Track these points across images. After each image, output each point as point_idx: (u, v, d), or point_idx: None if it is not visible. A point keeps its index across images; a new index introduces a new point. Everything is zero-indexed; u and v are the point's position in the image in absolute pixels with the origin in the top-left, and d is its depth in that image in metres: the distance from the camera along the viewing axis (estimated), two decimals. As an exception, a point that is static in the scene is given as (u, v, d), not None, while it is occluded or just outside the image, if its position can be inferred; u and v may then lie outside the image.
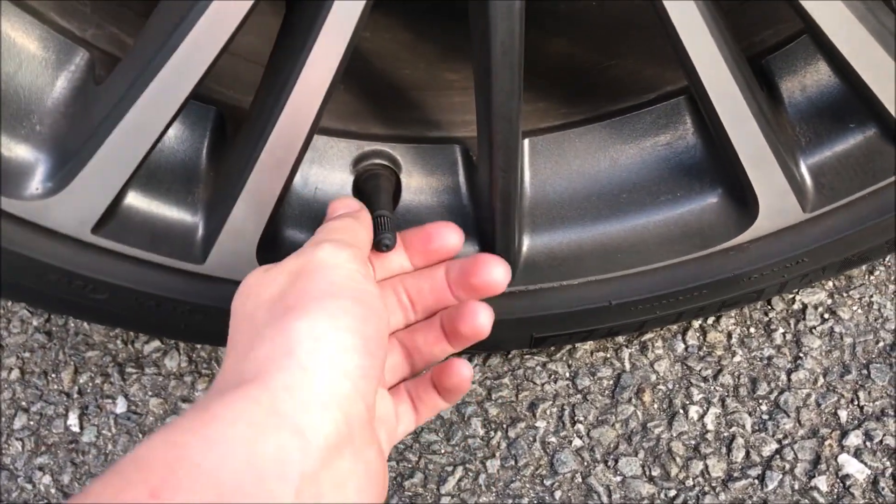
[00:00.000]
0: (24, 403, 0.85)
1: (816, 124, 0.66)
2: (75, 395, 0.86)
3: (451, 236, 0.60)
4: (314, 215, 0.69)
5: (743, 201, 0.67)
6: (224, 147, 0.66)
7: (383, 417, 0.55)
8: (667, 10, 0.53)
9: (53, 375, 0.87)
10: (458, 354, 0.59)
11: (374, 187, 0.68)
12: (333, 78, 0.56)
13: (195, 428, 0.39)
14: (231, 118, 0.66)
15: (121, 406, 0.85)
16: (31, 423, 0.84)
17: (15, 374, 0.87)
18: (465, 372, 0.56)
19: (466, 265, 0.58)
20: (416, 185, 0.70)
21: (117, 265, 0.65)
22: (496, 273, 0.57)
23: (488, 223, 0.68)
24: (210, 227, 0.65)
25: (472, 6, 0.54)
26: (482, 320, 0.56)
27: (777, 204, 0.66)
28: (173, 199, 0.65)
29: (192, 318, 0.71)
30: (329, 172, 0.69)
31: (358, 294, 0.47)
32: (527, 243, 0.71)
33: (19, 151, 0.60)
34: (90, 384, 0.86)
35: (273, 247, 0.67)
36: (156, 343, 0.88)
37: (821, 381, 0.80)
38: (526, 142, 0.70)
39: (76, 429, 0.84)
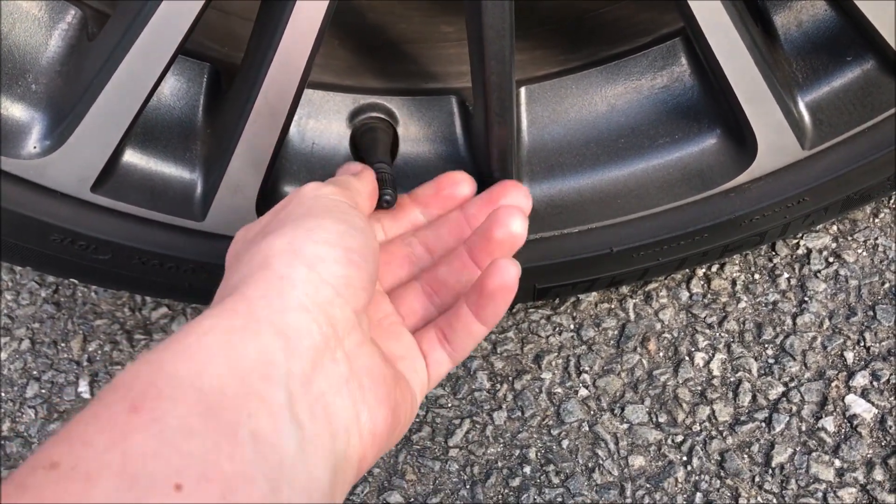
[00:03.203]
0: (35, 372, 0.86)
1: (813, 59, 0.65)
2: (85, 363, 0.86)
3: (461, 182, 0.61)
4: (312, 170, 0.69)
5: (741, 141, 0.67)
6: (219, 102, 0.66)
7: (408, 356, 0.53)
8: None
9: (63, 344, 0.87)
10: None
11: (371, 140, 0.68)
12: (321, 24, 0.56)
13: (170, 345, 0.38)
14: (226, 74, 0.66)
15: (130, 372, 0.85)
16: (43, 391, 0.85)
17: (25, 344, 0.88)
18: (511, 270, 0.51)
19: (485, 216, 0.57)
20: (414, 137, 0.70)
21: (119, 224, 0.66)
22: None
23: (486, 173, 0.68)
24: (208, 184, 0.65)
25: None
26: (515, 220, 0.55)
27: (775, 142, 0.65)
28: (171, 155, 0.65)
29: (195, 278, 0.71)
30: (326, 127, 0.69)
31: (338, 215, 0.47)
32: (526, 192, 0.70)
33: (15, 111, 0.60)
34: (99, 352, 0.87)
35: (273, 203, 0.67)
36: (163, 309, 0.88)
37: (826, 323, 0.79)
38: (522, 90, 0.70)
39: (87, 395, 0.85)
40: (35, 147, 0.60)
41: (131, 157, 0.64)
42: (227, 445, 0.34)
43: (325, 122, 0.69)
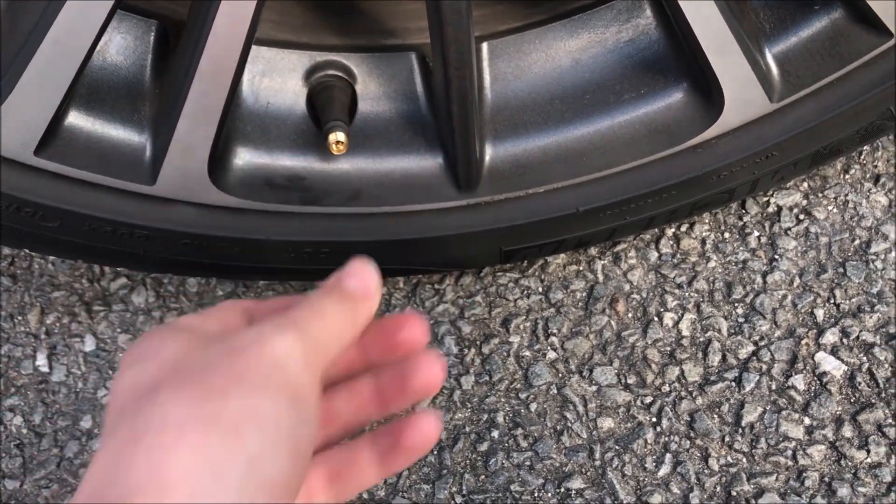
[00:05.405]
0: (-9, 346, 0.84)
1: (780, 9, 0.64)
2: (43, 336, 0.84)
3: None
4: (266, 130, 0.66)
5: (708, 95, 0.65)
6: (167, 61, 0.63)
7: None
8: None
9: (20, 318, 0.85)
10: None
11: (328, 99, 0.66)
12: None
13: None
14: (174, 31, 0.64)
15: (89, 344, 0.83)
16: (0, 365, 0.83)
17: (-19, 317, 0.85)
18: (435, 424, 0.43)
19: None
20: (373, 95, 0.68)
21: (66, 189, 0.63)
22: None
23: (448, 131, 0.66)
24: (157, 146, 0.63)
25: None
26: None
27: (742, 95, 0.64)
28: (118, 117, 0.63)
29: (150, 245, 0.69)
30: (281, 85, 0.67)
31: (294, 391, 0.37)
32: (489, 152, 0.69)
33: (-50, 71, 0.57)
34: (57, 324, 0.84)
35: (225, 165, 0.65)
36: (122, 280, 0.86)
37: (797, 281, 0.79)
38: (485, 45, 0.68)
39: (45, 369, 0.82)
40: (-29, 109, 0.57)
41: (76, 118, 0.61)
42: None
43: (281, 80, 0.67)
